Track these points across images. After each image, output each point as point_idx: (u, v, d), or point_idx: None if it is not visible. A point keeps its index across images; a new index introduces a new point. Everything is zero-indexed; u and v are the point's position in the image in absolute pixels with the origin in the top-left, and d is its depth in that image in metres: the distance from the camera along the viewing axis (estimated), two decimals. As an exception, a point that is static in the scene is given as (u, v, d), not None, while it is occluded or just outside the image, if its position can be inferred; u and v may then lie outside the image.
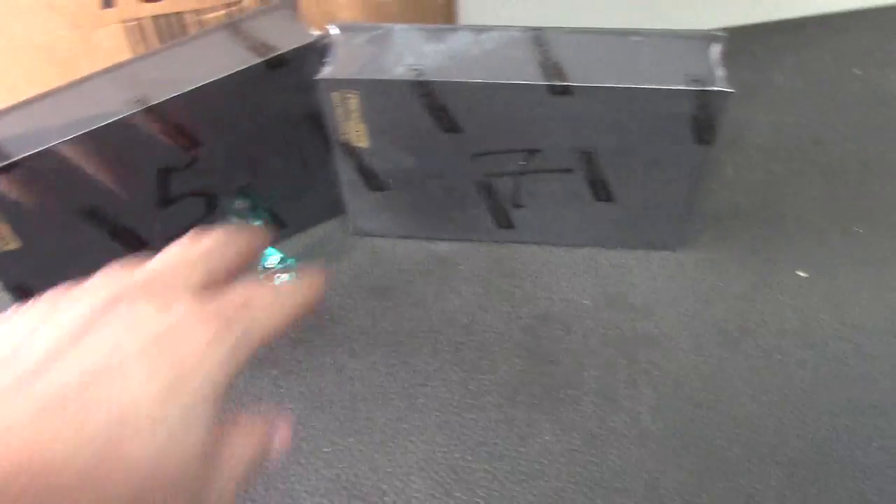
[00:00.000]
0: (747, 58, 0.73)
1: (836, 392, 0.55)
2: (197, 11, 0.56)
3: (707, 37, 0.50)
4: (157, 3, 0.55)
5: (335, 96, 0.50)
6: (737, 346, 0.57)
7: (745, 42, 0.74)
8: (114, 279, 0.33)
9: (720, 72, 0.49)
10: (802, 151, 0.67)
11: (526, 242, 0.62)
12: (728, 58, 0.66)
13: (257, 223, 0.56)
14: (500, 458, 0.53)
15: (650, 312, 0.59)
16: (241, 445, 0.36)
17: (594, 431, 0.54)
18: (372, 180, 0.57)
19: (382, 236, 0.62)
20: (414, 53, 0.50)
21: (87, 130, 0.46)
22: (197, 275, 0.35)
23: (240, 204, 0.56)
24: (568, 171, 0.54)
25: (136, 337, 0.31)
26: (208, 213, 0.56)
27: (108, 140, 0.48)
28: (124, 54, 0.56)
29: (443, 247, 0.62)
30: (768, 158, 0.66)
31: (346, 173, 0.56)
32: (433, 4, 0.61)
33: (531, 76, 0.49)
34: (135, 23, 0.55)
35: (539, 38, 0.50)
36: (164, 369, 0.31)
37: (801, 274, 0.61)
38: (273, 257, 0.56)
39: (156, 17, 0.55)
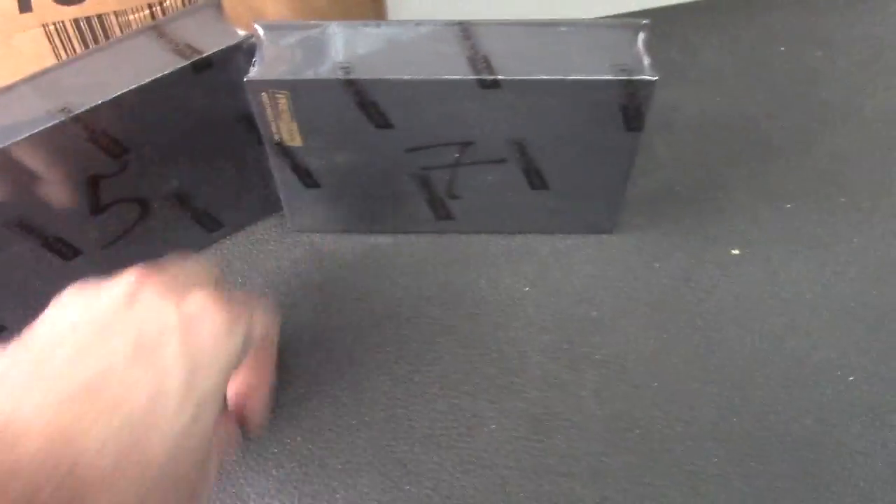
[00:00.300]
0: (677, 38, 0.74)
1: (772, 367, 0.57)
2: (118, 13, 0.55)
3: (633, 25, 0.51)
4: (77, 6, 0.54)
5: (264, 97, 0.50)
6: (674, 326, 0.59)
7: (674, 22, 0.75)
8: (139, 273, 0.36)
9: (646, 60, 0.50)
10: (732, 130, 0.68)
11: (465, 232, 0.62)
12: (659, 39, 0.67)
13: None
14: (448, 449, 0.53)
15: (589, 296, 0.60)
16: (225, 433, 0.38)
17: (539, 417, 0.55)
18: (307, 178, 0.56)
19: (322, 232, 0.62)
20: (342, 51, 0.50)
21: (9, 142, 0.45)
22: (210, 275, 0.39)
23: None
24: (502, 161, 0.55)
25: (163, 319, 0.34)
26: (142, 218, 0.55)
27: (33, 151, 0.47)
28: (47, 59, 0.55)
29: (383, 240, 0.63)
30: (699, 138, 0.68)
31: (280, 172, 0.56)
32: (362, 1, 0.60)
33: (460, 71, 0.49)
34: (54, 26, 0.54)
35: (466, 31, 0.50)
36: (189, 352, 0.33)
37: (735, 252, 0.62)
38: None
39: (76, 21, 0.54)
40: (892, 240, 0.62)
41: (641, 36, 0.51)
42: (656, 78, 0.49)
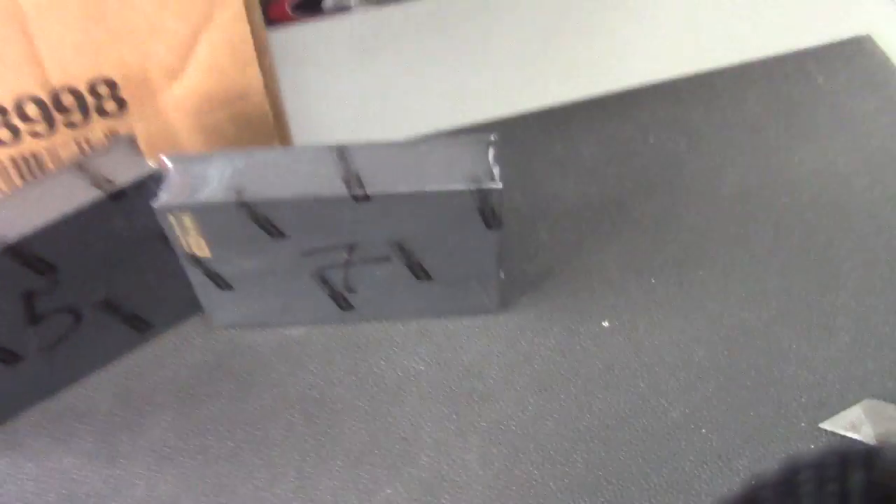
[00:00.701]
0: (560, 135, 0.83)
1: (635, 424, 0.65)
2: (49, 150, 0.64)
3: (484, 140, 0.60)
4: (14, 147, 0.63)
5: (171, 219, 0.58)
6: (550, 395, 0.67)
7: (558, 121, 0.85)
8: None
9: (496, 170, 0.59)
10: (606, 214, 0.77)
11: (367, 320, 0.70)
12: (543, 136, 0.77)
13: None
14: (348, 514, 0.61)
15: (477, 371, 0.68)
16: None
17: (430, 481, 0.62)
18: (220, 282, 0.65)
19: (241, 327, 0.70)
20: (236, 176, 0.59)
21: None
22: None
23: None
24: (387, 259, 0.63)
25: None
26: (76, 324, 0.64)
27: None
28: (-10, 192, 0.64)
29: (295, 331, 0.71)
30: (577, 223, 0.77)
31: (196, 278, 0.65)
32: (266, 129, 0.69)
33: (335, 188, 0.58)
34: (-5, 166, 0.63)
35: (342, 152, 0.60)
36: None
37: (605, 324, 0.71)
38: None
39: (14, 157, 0.63)
40: (743, 305, 0.71)
41: (491, 150, 0.60)
42: (501, 186, 0.58)
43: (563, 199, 0.79)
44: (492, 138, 0.61)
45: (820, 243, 0.74)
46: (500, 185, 0.58)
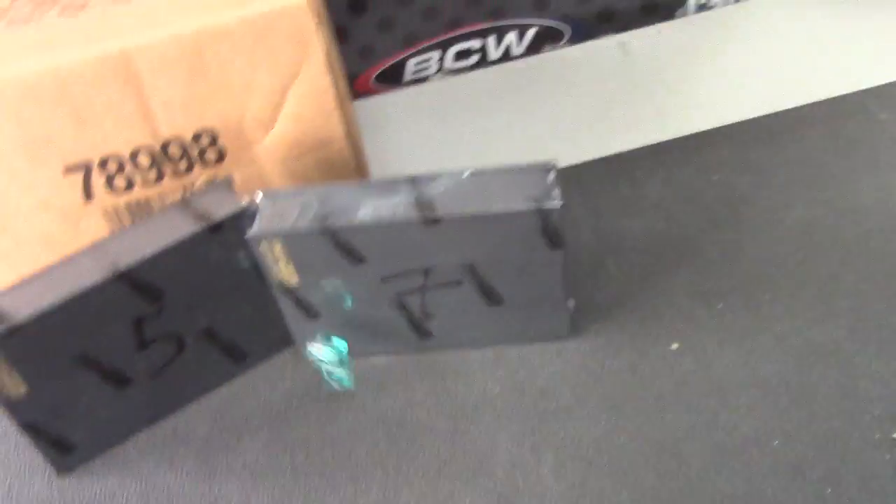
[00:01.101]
0: (626, 177, 0.88)
1: (707, 438, 0.67)
2: (161, 195, 0.72)
3: (546, 168, 0.65)
4: (129, 193, 0.71)
5: (263, 247, 0.65)
6: (622, 412, 0.69)
7: (623, 164, 0.89)
8: None
9: (555, 191, 0.63)
10: (671, 247, 0.80)
11: (444, 348, 0.74)
12: (609, 178, 0.82)
13: (340, 373, 0.69)
14: (428, 524, 0.64)
15: (550, 392, 0.71)
16: None
17: (506, 493, 0.65)
18: (308, 310, 0.70)
19: (327, 357, 0.75)
20: (320, 207, 0.65)
21: (72, 295, 0.61)
22: None
23: (328, 355, 0.69)
24: (459, 282, 0.68)
25: None
26: (179, 351, 0.70)
27: (91, 300, 0.62)
28: (104, 234, 0.71)
29: (378, 360, 0.76)
30: (643, 256, 0.80)
31: (286, 307, 0.70)
32: (348, 173, 0.76)
33: (408, 212, 0.63)
34: (111, 209, 0.71)
35: (415, 182, 0.65)
36: None
37: (674, 346, 0.73)
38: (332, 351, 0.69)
39: (128, 203, 0.71)
40: (812, 325, 0.72)
41: (551, 175, 0.65)
42: (561, 204, 0.63)
43: (630, 235, 0.83)
44: (552, 164, 0.65)
45: (886, 267, 0.76)
46: (559, 204, 0.63)
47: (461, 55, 1.06)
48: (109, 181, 0.70)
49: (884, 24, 1.04)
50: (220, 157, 0.72)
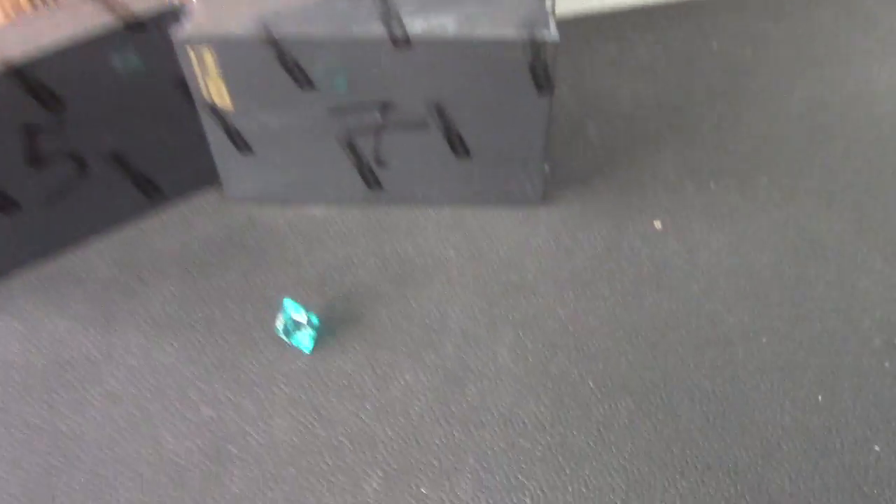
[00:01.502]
0: (615, 35, 0.77)
1: (687, 328, 0.58)
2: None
3: (541, -8, 0.54)
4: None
5: (191, 53, 0.53)
6: (594, 291, 0.60)
7: (613, 21, 0.78)
8: None
9: (552, 23, 0.52)
10: (661, 117, 0.70)
11: (396, 203, 0.64)
12: (597, 36, 0.71)
13: (307, 336, 0.57)
14: (363, 398, 0.55)
15: (513, 263, 0.62)
16: None
17: (454, 371, 0.56)
18: (240, 142, 0.59)
19: (258, 201, 0.65)
20: (267, 12, 0.53)
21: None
22: None
23: (295, 315, 0.57)
24: (423, 125, 0.57)
25: None
26: (80, 175, 0.58)
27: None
28: (-5, 25, 0.58)
29: (318, 211, 0.65)
30: (629, 124, 0.70)
31: (214, 136, 0.59)
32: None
33: (374, 30, 0.52)
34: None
35: (383, -7, 0.53)
36: None
37: (658, 224, 0.64)
38: (298, 314, 0.57)
39: (26, -11, 0.58)
40: (812, 215, 0.64)
41: (547, 2, 0.54)
42: (558, 39, 0.52)
43: (615, 98, 0.73)
44: (550, -12, 0.54)
45: (898, 158, 0.68)
46: (556, 38, 0.52)
47: None
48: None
49: None
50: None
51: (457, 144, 0.59)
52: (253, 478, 0.52)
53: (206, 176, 0.63)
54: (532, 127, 0.57)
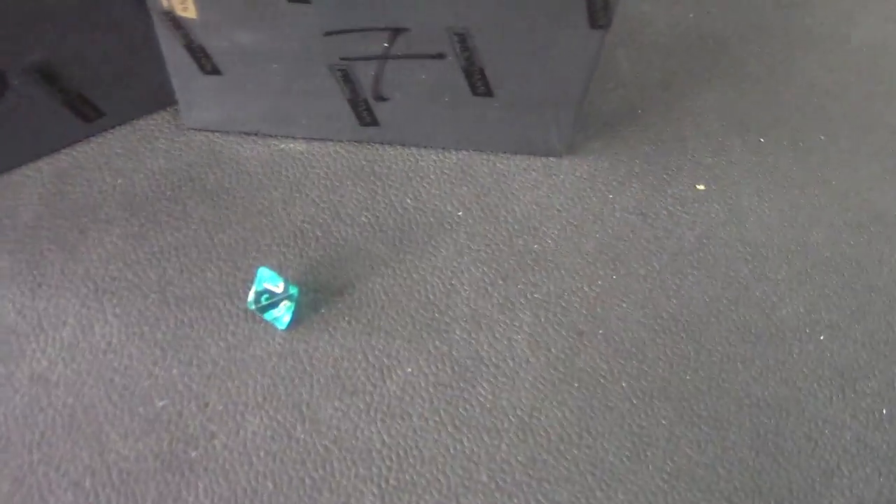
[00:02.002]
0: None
1: (734, 319, 0.50)
2: None
3: None
4: None
5: (147, -54, 0.40)
6: (627, 268, 0.51)
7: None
8: None
9: (621, -62, 0.41)
10: (703, 51, 0.60)
11: (392, 143, 0.53)
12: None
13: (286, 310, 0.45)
14: (354, 394, 0.45)
15: (531, 227, 0.52)
16: None
17: (463, 362, 0.47)
18: (204, 61, 0.47)
19: (222, 132, 0.53)
20: None
21: None
22: None
23: (270, 286, 0.44)
24: (440, 56, 0.46)
25: None
26: (-3, 93, 0.45)
27: None
28: None
29: (296, 146, 0.53)
30: (666, 57, 0.60)
31: (172, 52, 0.46)
32: None
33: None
34: None
35: None
36: None
37: (700, 187, 0.55)
38: (275, 285, 0.45)
39: None
40: (875, 184, 0.55)
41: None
42: (632, -40, 0.40)
43: (651, 24, 0.62)
44: None
45: (972, 120, 0.59)
46: (631, -41, 0.40)
47: None
48: None
49: None
50: None
51: (476, 81, 0.48)
52: (221, 495, 0.42)
53: (159, 96, 0.51)
54: (574, 67, 0.47)
